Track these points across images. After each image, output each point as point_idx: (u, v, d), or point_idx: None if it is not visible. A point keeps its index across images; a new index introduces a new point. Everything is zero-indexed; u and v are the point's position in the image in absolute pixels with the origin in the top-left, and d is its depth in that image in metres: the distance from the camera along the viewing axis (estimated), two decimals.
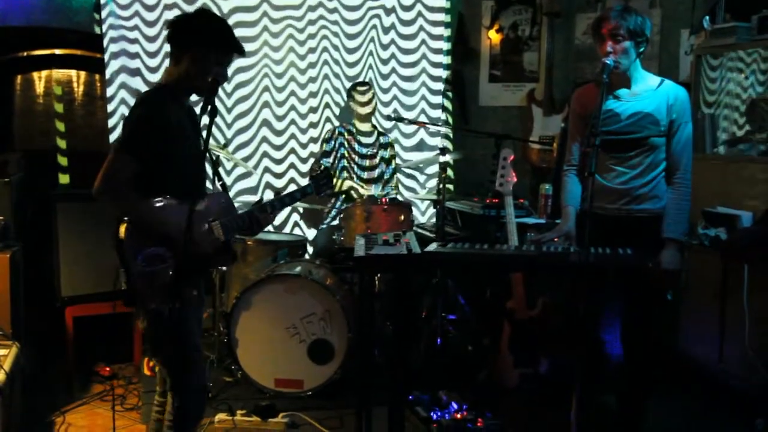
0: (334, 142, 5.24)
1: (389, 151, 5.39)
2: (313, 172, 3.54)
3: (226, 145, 5.40)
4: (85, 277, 4.57)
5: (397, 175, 5.52)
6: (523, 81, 6.17)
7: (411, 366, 4.50)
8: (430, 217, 5.89)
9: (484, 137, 4.48)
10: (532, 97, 6.02)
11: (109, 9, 5.17)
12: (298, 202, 5.10)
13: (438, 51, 5.91)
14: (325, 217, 5.25)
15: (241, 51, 2.94)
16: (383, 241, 3.27)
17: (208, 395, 4.09)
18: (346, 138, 5.25)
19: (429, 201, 5.76)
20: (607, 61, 3.30)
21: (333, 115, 5.70)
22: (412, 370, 4.46)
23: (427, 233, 5.34)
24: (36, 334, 4.66)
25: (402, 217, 4.60)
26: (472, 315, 4.95)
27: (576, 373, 3.17)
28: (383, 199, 4.64)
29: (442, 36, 5.91)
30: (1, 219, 4.24)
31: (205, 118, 2.72)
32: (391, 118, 5.08)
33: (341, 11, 5.68)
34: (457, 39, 6.08)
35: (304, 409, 4.10)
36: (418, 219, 5.73)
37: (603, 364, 3.72)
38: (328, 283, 4.31)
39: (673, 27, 5.31)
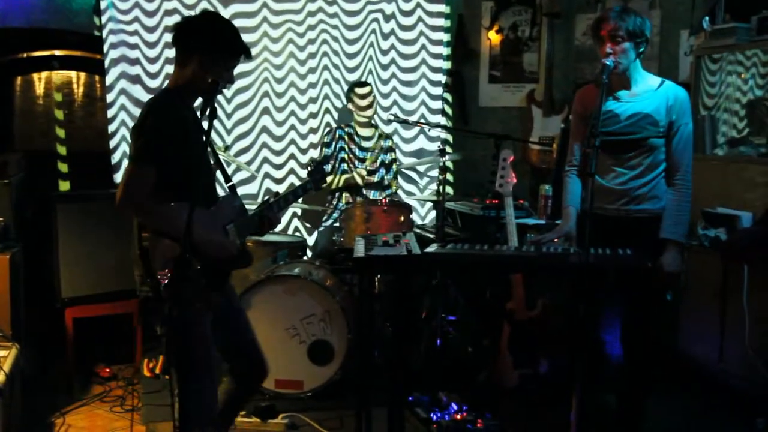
0: (334, 144, 5.24)
1: (390, 155, 5.38)
2: (308, 168, 3.57)
3: (228, 148, 5.41)
4: (85, 278, 4.57)
5: (398, 176, 5.52)
6: (523, 82, 6.18)
7: (411, 367, 4.50)
8: (431, 218, 5.89)
9: (484, 138, 4.48)
10: (532, 97, 6.03)
11: (109, 14, 5.17)
12: (298, 203, 5.13)
13: (438, 56, 5.92)
14: (325, 218, 5.25)
15: (248, 53, 2.93)
16: (383, 242, 3.27)
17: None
18: (346, 141, 5.25)
19: (429, 202, 5.76)
20: (607, 62, 3.30)
21: (333, 120, 5.70)
22: (412, 371, 4.46)
23: (427, 234, 5.34)
24: (36, 335, 4.66)
25: (402, 218, 4.60)
26: (471, 316, 4.95)
27: (576, 374, 3.17)
28: (383, 200, 4.65)
29: (442, 41, 5.91)
30: (1, 220, 4.24)
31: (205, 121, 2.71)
32: (391, 120, 5.08)
33: (341, 16, 5.67)
34: (457, 40, 6.09)
35: (304, 410, 4.10)
36: (417, 220, 5.73)
37: (603, 365, 3.72)
38: (328, 284, 4.31)
39: (673, 28, 5.32)
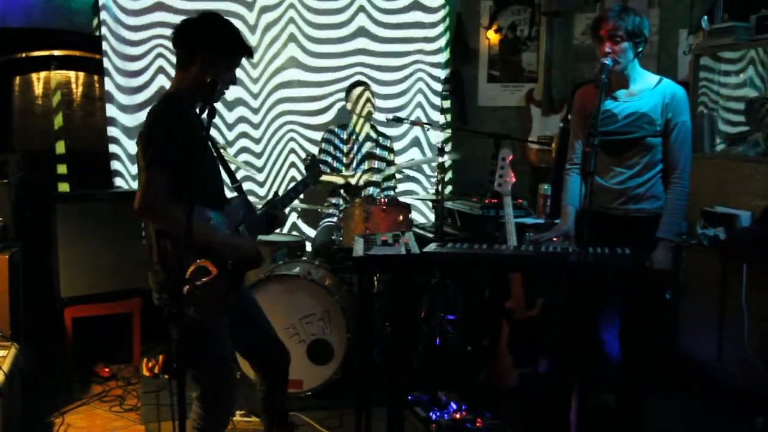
0: (325, 144, 5.24)
1: (389, 155, 5.38)
2: (305, 163, 3.59)
3: (228, 145, 5.42)
4: (84, 277, 4.57)
5: (396, 175, 5.52)
6: (522, 81, 6.17)
7: (410, 366, 4.50)
8: (429, 218, 5.89)
9: (483, 137, 4.49)
10: (531, 97, 6.03)
11: (107, 14, 5.19)
12: (297, 203, 5.13)
13: (437, 55, 5.93)
14: (324, 217, 5.24)
15: (249, 52, 2.93)
16: (382, 241, 3.27)
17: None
18: (335, 143, 5.23)
19: (428, 201, 5.76)
20: (606, 62, 3.31)
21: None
22: (412, 371, 4.47)
23: (426, 233, 5.34)
24: (35, 335, 4.67)
25: (401, 217, 4.60)
26: (471, 315, 4.95)
27: (575, 373, 3.17)
28: (382, 200, 4.65)
29: (441, 40, 5.91)
30: (0, 219, 4.24)
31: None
32: (389, 120, 5.07)
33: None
34: (456, 39, 6.08)
35: (304, 410, 4.10)
36: (416, 219, 5.73)
37: (602, 364, 3.73)
38: (328, 284, 4.31)
39: (672, 27, 5.32)
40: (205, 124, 2.59)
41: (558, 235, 3.52)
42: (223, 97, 2.85)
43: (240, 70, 5.40)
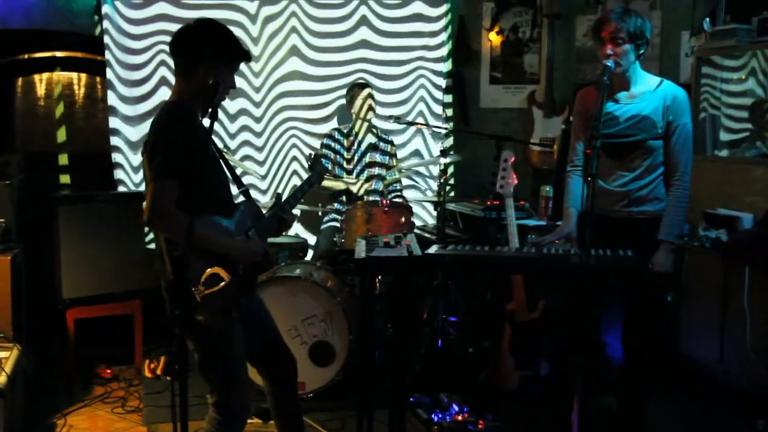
0: (326, 145, 5.23)
1: (390, 156, 5.38)
2: (308, 163, 3.59)
3: (232, 153, 5.42)
4: (86, 279, 4.57)
5: (398, 177, 5.51)
6: (524, 83, 6.17)
7: (412, 368, 4.50)
8: (432, 220, 5.89)
9: (485, 139, 4.48)
10: (533, 98, 6.03)
11: (108, 15, 5.20)
12: (299, 205, 5.12)
13: (439, 58, 5.93)
14: (326, 219, 5.24)
15: (248, 57, 2.93)
16: (384, 243, 3.27)
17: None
18: (335, 146, 5.23)
19: (430, 203, 5.76)
20: (608, 64, 3.30)
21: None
22: (413, 372, 4.47)
23: (428, 235, 5.34)
24: (37, 336, 4.67)
25: (403, 219, 4.60)
26: (472, 317, 4.95)
27: (576, 375, 3.17)
28: (384, 201, 4.65)
29: (443, 42, 5.92)
30: (2, 221, 4.25)
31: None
32: (392, 121, 5.07)
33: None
34: (458, 41, 6.09)
35: (306, 411, 4.07)
36: (418, 221, 5.73)
37: (604, 366, 3.72)
38: (329, 285, 4.31)
39: (674, 29, 5.31)
40: (207, 128, 2.59)
41: (560, 237, 3.52)
42: (226, 106, 2.85)
43: (243, 79, 5.44)
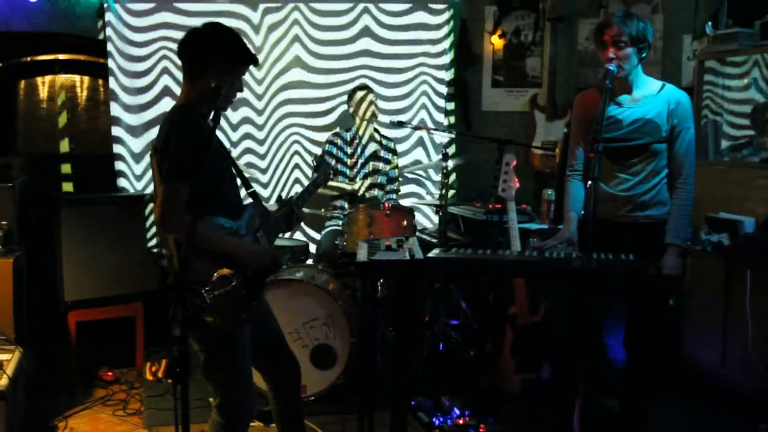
0: (329, 148, 5.23)
1: (392, 159, 5.38)
2: (313, 164, 3.60)
3: (233, 146, 5.43)
4: (88, 281, 4.58)
5: (400, 179, 5.51)
6: (526, 86, 6.17)
7: (413, 371, 4.50)
8: (433, 223, 5.89)
9: (487, 142, 4.48)
10: (535, 102, 6.03)
11: (111, 18, 5.21)
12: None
13: (441, 61, 5.94)
14: (328, 222, 5.24)
15: (256, 61, 2.94)
16: (386, 246, 3.27)
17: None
18: (337, 148, 5.23)
19: (432, 206, 5.76)
20: (610, 67, 3.30)
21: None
22: (415, 376, 4.46)
23: (429, 238, 5.34)
24: (39, 339, 4.68)
25: (404, 222, 4.60)
26: (474, 320, 4.95)
27: (578, 379, 3.17)
28: (386, 204, 4.64)
29: (445, 45, 5.92)
30: (4, 223, 4.25)
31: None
32: (393, 124, 5.08)
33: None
34: (460, 44, 6.09)
35: (307, 415, 4.07)
36: (420, 224, 5.73)
37: (605, 369, 3.72)
38: (331, 288, 4.31)
39: (676, 32, 5.32)
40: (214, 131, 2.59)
41: (561, 241, 3.51)
42: (229, 115, 2.87)
43: (245, 87, 5.45)
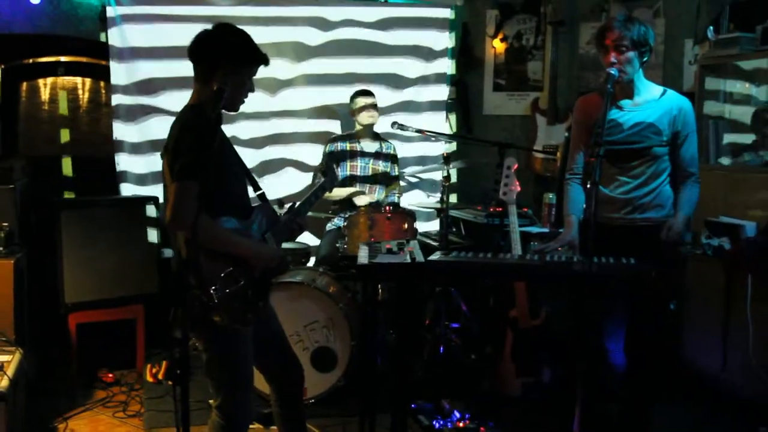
0: (334, 153, 5.23)
1: (393, 163, 5.38)
2: (320, 170, 3.61)
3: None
4: (88, 283, 4.58)
5: (401, 183, 5.52)
6: (527, 90, 6.18)
7: (414, 374, 4.50)
8: (434, 226, 5.89)
9: (488, 146, 4.49)
10: (536, 106, 6.03)
11: (115, 21, 5.22)
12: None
13: (442, 64, 5.95)
14: (329, 225, 5.24)
15: (266, 60, 2.93)
16: (387, 249, 3.28)
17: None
18: (337, 153, 5.23)
19: (432, 209, 5.76)
20: (611, 71, 3.30)
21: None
22: (415, 379, 4.46)
23: (430, 241, 5.34)
24: (39, 340, 4.68)
25: (405, 225, 4.60)
26: (475, 324, 4.95)
27: (579, 382, 3.17)
28: (387, 207, 4.65)
29: (447, 49, 5.93)
30: (5, 225, 4.26)
31: None
32: (394, 127, 5.08)
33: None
34: (462, 48, 6.10)
35: (307, 417, 4.03)
36: (421, 227, 5.73)
37: (606, 373, 3.72)
38: (332, 291, 4.31)
39: (677, 36, 5.32)
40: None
41: (562, 244, 3.51)
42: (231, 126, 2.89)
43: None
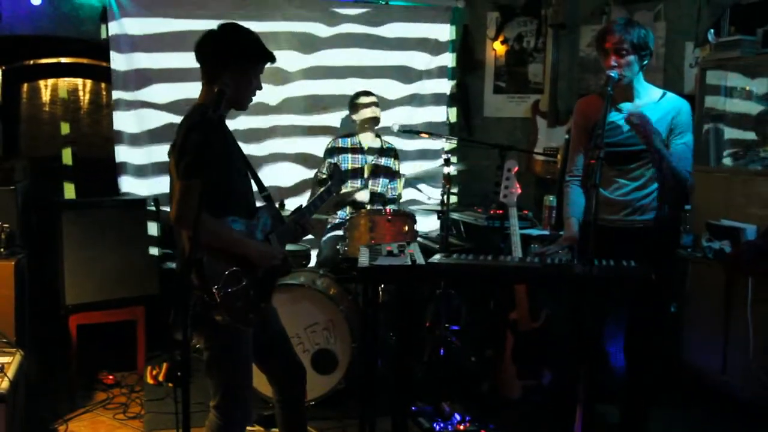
0: (336, 156, 5.23)
1: (393, 162, 5.38)
2: (327, 173, 3.61)
3: None
4: (89, 284, 4.58)
5: (401, 185, 5.52)
6: (528, 92, 6.18)
7: (414, 376, 4.49)
8: (435, 228, 5.89)
9: (489, 148, 4.49)
10: (537, 108, 6.03)
11: (115, 22, 5.22)
12: None
13: (443, 67, 5.95)
14: (329, 227, 5.24)
15: (272, 57, 2.94)
16: (387, 251, 3.28)
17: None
18: (338, 154, 5.24)
19: (433, 212, 5.76)
20: (612, 74, 3.31)
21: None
22: (415, 381, 4.46)
23: (431, 244, 5.34)
24: (40, 342, 4.67)
25: (406, 227, 4.60)
26: (475, 326, 4.94)
27: (579, 384, 3.17)
28: (387, 210, 4.65)
29: (447, 51, 5.94)
30: (6, 226, 4.25)
31: None
32: (395, 129, 5.08)
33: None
34: (462, 50, 6.10)
35: (308, 419, 4.08)
36: (422, 230, 5.73)
37: (607, 376, 3.72)
38: (332, 293, 4.31)
39: (678, 39, 5.32)
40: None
41: (563, 247, 3.52)
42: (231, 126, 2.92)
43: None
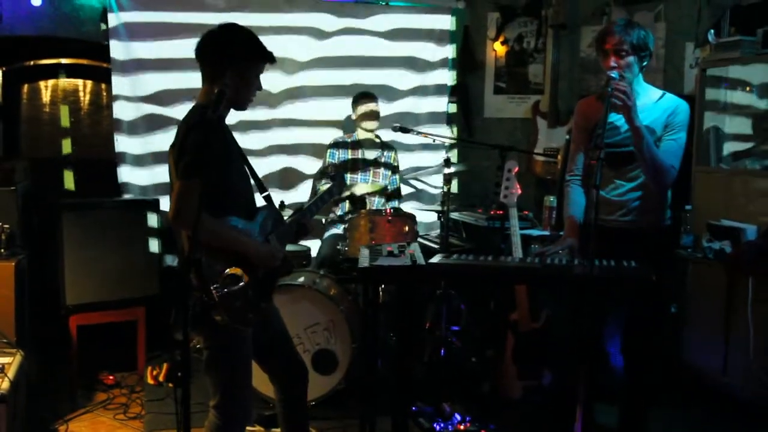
0: (337, 154, 5.23)
1: (394, 165, 5.39)
2: (329, 174, 3.61)
3: None
4: (89, 285, 4.58)
5: (402, 185, 5.52)
6: (528, 93, 6.18)
7: (414, 377, 4.50)
8: (435, 229, 5.89)
9: (489, 149, 4.49)
10: (537, 109, 6.03)
11: (116, 23, 5.23)
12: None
13: (444, 67, 5.96)
14: (329, 228, 5.25)
15: (272, 58, 2.94)
16: (388, 252, 3.28)
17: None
18: (338, 155, 5.24)
19: (433, 212, 5.76)
20: (612, 75, 3.31)
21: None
22: (416, 381, 4.46)
23: (431, 244, 5.34)
24: (40, 342, 4.68)
25: (406, 228, 4.60)
26: (475, 326, 4.94)
27: (579, 385, 3.17)
28: (387, 210, 4.65)
29: (447, 51, 5.95)
30: (6, 227, 4.26)
31: None
32: (396, 130, 5.08)
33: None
34: (463, 51, 6.11)
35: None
36: (422, 230, 5.73)
37: (607, 376, 3.72)
38: (332, 294, 4.32)
39: (678, 40, 5.32)
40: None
41: (563, 247, 3.51)
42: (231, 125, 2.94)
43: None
